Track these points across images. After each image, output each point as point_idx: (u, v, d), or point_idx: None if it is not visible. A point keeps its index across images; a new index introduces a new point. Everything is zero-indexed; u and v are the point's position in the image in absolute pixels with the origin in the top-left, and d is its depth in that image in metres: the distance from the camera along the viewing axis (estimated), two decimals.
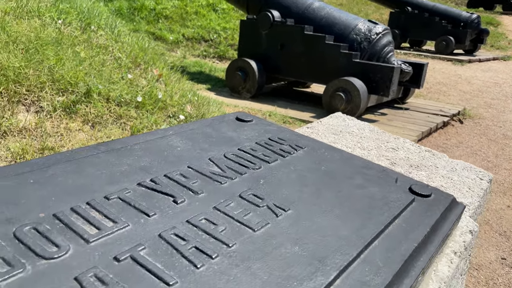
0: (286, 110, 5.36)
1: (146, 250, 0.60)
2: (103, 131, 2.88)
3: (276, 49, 5.76)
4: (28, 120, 2.58)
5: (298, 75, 5.77)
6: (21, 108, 2.65)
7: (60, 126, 2.68)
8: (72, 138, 2.65)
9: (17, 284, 0.50)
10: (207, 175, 0.83)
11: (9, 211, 0.62)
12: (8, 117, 2.49)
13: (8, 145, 2.36)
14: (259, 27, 5.85)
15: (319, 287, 0.59)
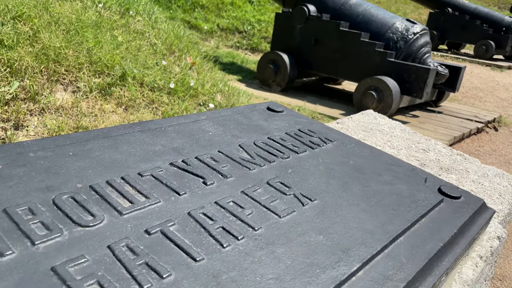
0: (315, 106, 5.33)
1: (176, 226, 0.62)
2: (136, 115, 2.94)
3: (310, 44, 5.71)
4: (65, 99, 2.67)
5: (330, 71, 5.71)
6: (59, 87, 2.74)
7: (95, 107, 2.76)
8: (105, 119, 2.73)
9: (54, 247, 0.53)
10: (236, 161, 0.85)
11: (49, 179, 0.65)
12: (46, 94, 2.59)
13: (45, 121, 2.46)
14: (294, 20, 5.81)
15: (341, 276, 0.59)
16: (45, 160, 0.70)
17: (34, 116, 2.47)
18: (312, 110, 5.13)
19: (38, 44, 2.76)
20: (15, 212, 0.56)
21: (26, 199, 0.60)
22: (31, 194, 0.61)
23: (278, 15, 6.09)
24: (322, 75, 6.22)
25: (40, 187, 0.63)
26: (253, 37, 8.87)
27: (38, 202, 0.60)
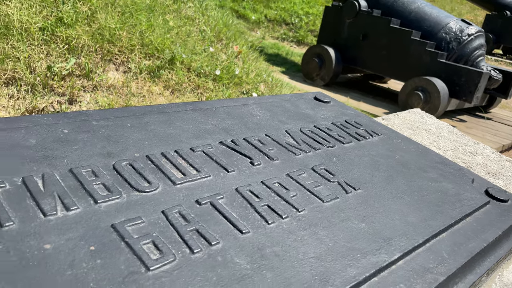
0: (359, 103, 5.25)
1: (224, 200, 0.65)
2: (181, 98, 3.02)
3: (358, 39, 5.61)
4: (116, 79, 2.78)
5: (377, 68, 5.59)
6: (112, 67, 2.86)
7: (144, 88, 2.86)
8: (152, 101, 2.82)
9: (114, 207, 0.57)
10: (282, 145, 0.87)
11: (110, 146, 0.70)
12: (100, 73, 2.70)
13: (97, 98, 2.57)
14: (343, 15, 5.72)
15: (381, 263, 0.60)
16: (106, 128, 0.75)
17: (87, 92, 2.59)
18: (355, 107, 5.06)
19: (95, 24, 2.88)
20: (80, 173, 0.61)
21: (90, 162, 0.65)
22: (93, 158, 0.66)
23: (328, 9, 6.01)
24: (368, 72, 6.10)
25: (101, 153, 0.68)
26: (300, 29, 8.80)
27: (100, 166, 0.64)
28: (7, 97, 2.26)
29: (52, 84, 2.44)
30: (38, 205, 0.53)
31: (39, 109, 2.30)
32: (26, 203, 0.53)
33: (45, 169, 0.60)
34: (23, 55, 2.43)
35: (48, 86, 2.43)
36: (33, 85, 2.37)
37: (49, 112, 2.33)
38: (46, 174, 0.59)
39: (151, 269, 0.49)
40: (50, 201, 0.54)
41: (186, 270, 0.50)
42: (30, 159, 0.61)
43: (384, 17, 5.22)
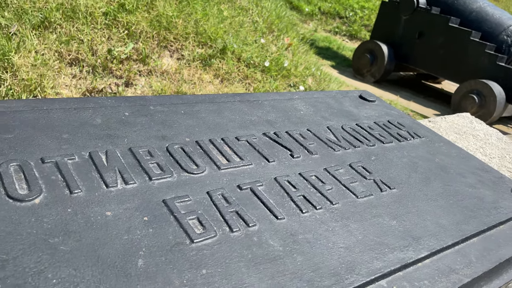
0: (408, 102, 5.12)
1: (263, 187, 0.70)
2: (230, 87, 3.10)
3: (413, 37, 5.45)
4: (170, 65, 2.90)
5: (431, 68, 5.41)
6: (166, 53, 2.98)
7: (195, 76, 2.96)
8: (202, 88, 2.92)
9: (165, 185, 0.64)
10: (323, 140, 0.91)
11: (164, 130, 0.77)
12: (155, 59, 2.83)
13: (151, 82, 2.70)
14: (400, 11, 5.57)
15: (408, 259, 0.63)
16: (162, 114, 0.82)
17: (142, 76, 2.73)
18: (404, 106, 4.94)
19: (154, 11, 3.00)
20: (137, 152, 0.69)
21: (146, 143, 0.72)
22: (150, 139, 0.73)
23: (384, 4, 5.87)
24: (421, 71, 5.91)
25: (157, 135, 0.75)
26: (354, 23, 8.64)
27: (155, 147, 0.71)
28: (70, 77, 2.44)
29: (111, 66, 2.59)
30: (102, 177, 0.61)
31: (98, 90, 2.46)
32: (91, 174, 0.61)
33: (108, 146, 0.68)
34: (87, 38, 2.59)
35: (108, 69, 2.58)
36: (94, 66, 2.53)
37: (107, 93, 2.48)
38: (109, 151, 0.67)
39: (195, 241, 0.55)
40: (111, 175, 0.62)
41: (225, 246, 0.56)
42: (96, 136, 0.70)
43: (442, 15, 5.04)
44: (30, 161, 0.60)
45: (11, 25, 2.41)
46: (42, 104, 0.74)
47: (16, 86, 2.14)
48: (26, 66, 2.22)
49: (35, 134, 0.65)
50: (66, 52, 2.48)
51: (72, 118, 0.73)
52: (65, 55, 2.48)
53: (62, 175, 0.59)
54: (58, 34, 2.52)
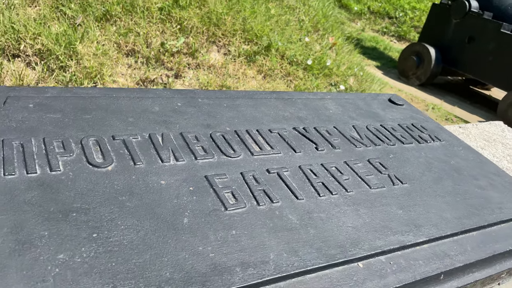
0: (453, 108, 5.04)
1: (288, 173, 0.83)
2: (271, 83, 3.23)
3: (463, 41, 5.33)
4: (216, 60, 3.07)
5: (479, 74, 5.28)
6: (214, 48, 3.15)
7: (239, 71, 3.11)
8: (246, 83, 3.06)
9: (208, 164, 0.79)
10: (346, 137, 1.02)
11: (209, 120, 0.92)
12: (203, 53, 3.01)
13: (199, 75, 2.88)
14: (451, 14, 5.46)
15: (407, 242, 0.74)
16: (207, 106, 0.97)
17: (190, 69, 2.91)
18: (448, 111, 4.88)
19: (205, 7, 3.18)
20: (187, 136, 0.83)
21: (194, 129, 0.87)
22: (197, 127, 0.88)
23: (435, 6, 5.77)
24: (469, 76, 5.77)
25: (203, 124, 0.90)
26: (403, 24, 8.49)
27: (201, 133, 0.86)
28: (126, 66, 2.65)
29: (163, 59, 2.79)
30: (158, 154, 0.76)
31: (151, 80, 2.66)
32: (150, 151, 0.77)
33: (164, 130, 0.83)
34: (143, 31, 2.80)
35: (160, 61, 2.78)
36: (148, 58, 2.74)
37: (159, 83, 2.68)
38: (164, 134, 0.82)
39: (228, 209, 0.69)
40: (166, 153, 0.77)
41: (252, 215, 0.70)
42: (154, 121, 0.85)
43: (495, 21, 4.91)
44: (104, 137, 0.76)
45: (77, 16, 2.65)
46: (112, 92, 0.91)
47: (79, 73, 2.38)
48: (88, 55, 2.45)
49: (107, 116, 0.82)
50: (124, 43, 2.70)
51: (135, 105, 0.88)
52: (123, 46, 2.70)
53: (128, 150, 0.75)
54: (117, 26, 2.74)
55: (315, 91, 3.39)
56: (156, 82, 2.67)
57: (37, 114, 0.76)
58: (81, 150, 0.71)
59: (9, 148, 0.67)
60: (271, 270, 0.61)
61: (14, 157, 0.65)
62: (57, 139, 0.72)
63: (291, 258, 0.64)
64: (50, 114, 0.77)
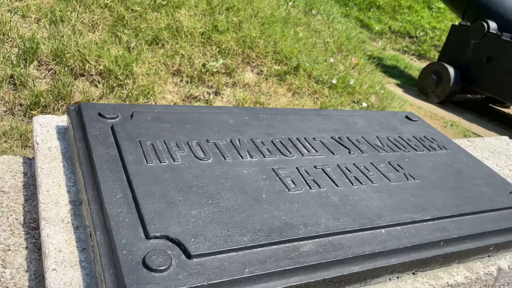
0: (471, 125, 5.25)
1: (329, 169, 1.14)
2: (299, 100, 3.55)
3: (481, 61, 5.57)
4: (250, 79, 3.41)
5: (498, 92, 5.50)
6: (248, 68, 3.50)
7: (271, 89, 3.44)
8: (276, 100, 3.39)
9: (272, 161, 1.10)
10: (372, 145, 1.32)
11: (269, 130, 1.23)
12: (239, 73, 3.36)
13: (235, 93, 3.22)
14: (470, 35, 5.71)
15: (416, 218, 1.03)
16: (267, 119, 1.29)
17: (228, 87, 3.26)
18: (466, 128, 5.09)
19: (240, 32, 3.54)
20: (255, 141, 1.15)
21: (259, 137, 1.18)
22: (261, 135, 1.20)
23: (454, 27, 6.03)
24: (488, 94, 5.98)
25: (265, 133, 1.21)
26: (423, 43, 8.75)
27: (265, 140, 1.18)
28: (173, 85, 3.02)
29: (205, 78, 3.15)
30: (239, 153, 1.08)
31: (194, 96, 3.02)
32: (233, 151, 1.09)
33: (239, 136, 1.15)
34: (187, 53, 3.17)
35: (202, 79, 3.14)
36: (192, 77, 3.10)
37: (201, 100, 3.03)
38: (240, 139, 1.14)
39: (290, 191, 1.00)
40: (243, 152, 1.09)
41: (306, 195, 1.00)
42: (231, 130, 1.17)
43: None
44: (202, 140, 1.08)
45: (131, 40, 3.04)
46: (199, 109, 1.24)
47: (134, 90, 2.75)
48: (142, 75, 2.83)
49: (200, 126, 1.15)
50: (171, 64, 3.08)
51: (216, 118, 1.21)
52: (170, 66, 3.07)
53: (219, 149, 1.07)
54: (165, 49, 3.12)
55: (339, 108, 3.69)
56: (199, 99, 3.02)
57: (154, 124, 1.10)
58: (189, 149, 1.04)
59: (145, 146, 1.00)
60: (322, 229, 0.91)
61: (149, 152, 0.98)
62: (172, 141, 1.05)
63: (335, 223, 0.94)
64: (163, 124, 1.10)
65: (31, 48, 2.62)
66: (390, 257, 0.93)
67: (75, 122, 1.04)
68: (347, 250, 0.89)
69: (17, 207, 0.97)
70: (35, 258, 0.87)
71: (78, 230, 0.85)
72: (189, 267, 0.74)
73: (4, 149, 2.18)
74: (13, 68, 2.52)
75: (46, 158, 1.01)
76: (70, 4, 3.04)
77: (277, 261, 0.81)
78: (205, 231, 0.82)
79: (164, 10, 3.31)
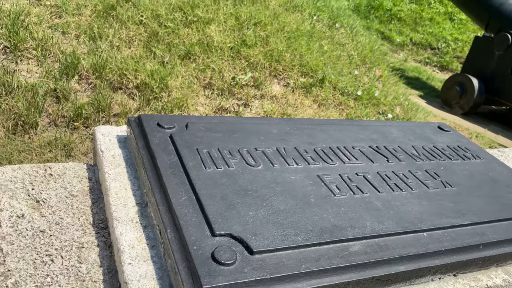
0: (497, 136, 5.21)
1: (370, 176, 1.20)
2: (325, 112, 3.61)
3: (505, 72, 5.54)
4: (277, 91, 3.50)
5: None
6: (275, 81, 3.59)
7: (297, 101, 3.52)
8: (303, 111, 3.47)
9: (317, 167, 1.17)
10: (408, 154, 1.38)
11: (310, 139, 1.31)
12: (266, 85, 3.45)
13: (263, 105, 3.31)
14: (493, 47, 5.70)
15: (456, 223, 1.09)
16: (307, 130, 1.36)
17: (256, 99, 3.35)
18: (492, 140, 5.06)
19: (268, 46, 3.65)
20: (299, 149, 1.23)
21: (302, 145, 1.26)
22: (303, 144, 1.27)
23: (477, 39, 6.03)
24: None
25: (307, 142, 1.29)
26: (446, 55, 8.72)
27: (307, 148, 1.25)
28: (204, 97, 3.13)
29: (234, 90, 3.25)
30: (285, 160, 1.16)
31: (224, 108, 3.12)
32: (280, 158, 1.16)
33: (284, 145, 1.23)
34: (217, 67, 3.29)
35: (231, 92, 3.24)
36: (222, 90, 3.21)
37: (231, 111, 3.13)
38: (285, 148, 1.22)
39: (336, 196, 1.07)
40: (289, 160, 1.17)
41: (351, 200, 1.07)
42: (276, 139, 1.25)
43: None
44: (251, 148, 1.17)
45: (164, 55, 3.17)
46: (244, 120, 1.32)
47: (169, 103, 2.87)
48: (176, 88, 2.95)
49: (247, 136, 1.23)
50: (202, 78, 3.19)
51: (261, 128, 1.29)
52: (201, 80, 3.19)
53: (267, 157, 1.15)
54: (196, 63, 3.24)
55: (365, 119, 3.74)
56: (229, 111, 3.12)
57: (207, 133, 1.18)
58: (241, 156, 1.12)
59: (202, 154, 1.08)
60: (369, 231, 0.97)
61: (207, 159, 1.07)
62: (225, 148, 1.13)
63: (380, 226, 1.00)
64: (215, 134, 1.19)
65: (72, 63, 2.77)
66: (433, 258, 0.98)
67: (137, 131, 1.14)
68: (392, 251, 0.95)
69: (86, 209, 1.07)
70: (106, 255, 0.96)
71: (147, 229, 0.94)
72: (252, 262, 0.82)
73: (49, 158, 2.31)
74: (56, 82, 2.67)
75: (111, 164, 1.11)
76: (107, 21, 3.20)
77: (329, 259, 0.87)
78: (263, 231, 0.89)
79: (195, 26, 3.45)
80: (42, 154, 2.30)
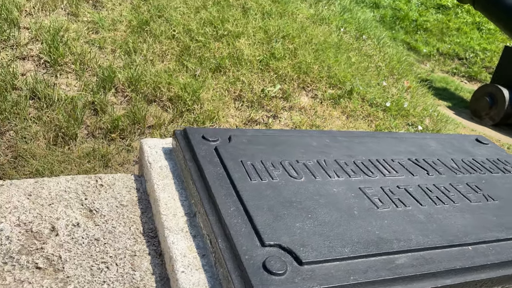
0: None
1: (411, 189, 1.21)
2: (354, 123, 3.61)
3: None
4: (306, 102, 3.53)
5: None
6: (303, 93, 3.61)
7: (326, 112, 3.53)
8: (331, 123, 3.47)
9: (358, 180, 1.18)
10: (448, 166, 1.38)
11: (349, 151, 1.32)
12: (295, 97, 3.48)
13: (292, 116, 3.34)
14: None
15: (501, 237, 1.08)
16: (345, 142, 1.38)
17: (285, 111, 3.38)
18: None
19: (296, 58, 3.69)
20: (339, 162, 1.25)
21: (342, 158, 1.28)
22: (343, 156, 1.29)
23: (507, 49, 5.92)
24: None
25: (346, 154, 1.31)
26: (474, 65, 8.58)
27: (347, 161, 1.27)
28: (235, 109, 3.18)
29: (263, 102, 3.29)
30: (326, 172, 1.18)
31: (254, 120, 3.16)
32: (321, 171, 1.18)
33: (324, 157, 1.25)
34: (247, 80, 3.34)
35: (261, 104, 3.29)
36: (252, 101, 3.25)
37: (261, 123, 3.17)
38: (325, 160, 1.24)
39: (379, 208, 1.08)
40: (330, 172, 1.19)
41: (394, 213, 1.08)
42: (316, 152, 1.28)
43: None
44: (292, 160, 1.19)
45: (196, 69, 3.25)
46: (284, 133, 1.35)
47: (201, 115, 2.93)
48: (208, 100, 3.01)
49: (288, 148, 1.26)
50: (233, 90, 3.25)
51: (301, 141, 1.32)
52: (232, 92, 3.25)
53: (308, 169, 1.17)
54: (227, 76, 3.30)
55: (394, 130, 3.72)
56: (259, 122, 3.16)
57: (250, 146, 1.22)
58: (283, 168, 1.15)
59: (247, 166, 1.12)
60: (414, 244, 0.98)
61: (251, 171, 1.10)
62: (268, 161, 1.16)
63: (425, 239, 1.01)
64: (257, 146, 1.22)
65: (109, 77, 2.87)
66: (479, 272, 0.98)
67: (183, 144, 1.18)
68: (438, 264, 0.95)
69: (136, 218, 1.11)
70: (158, 263, 1.00)
71: (196, 239, 0.97)
72: (302, 273, 0.84)
73: (87, 169, 2.40)
74: (93, 95, 2.77)
75: (159, 176, 1.15)
76: (141, 36, 3.31)
77: (377, 271, 0.89)
78: (310, 242, 0.91)
79: (225, 39, 3.52)
80: (81, 165, 2.38)
